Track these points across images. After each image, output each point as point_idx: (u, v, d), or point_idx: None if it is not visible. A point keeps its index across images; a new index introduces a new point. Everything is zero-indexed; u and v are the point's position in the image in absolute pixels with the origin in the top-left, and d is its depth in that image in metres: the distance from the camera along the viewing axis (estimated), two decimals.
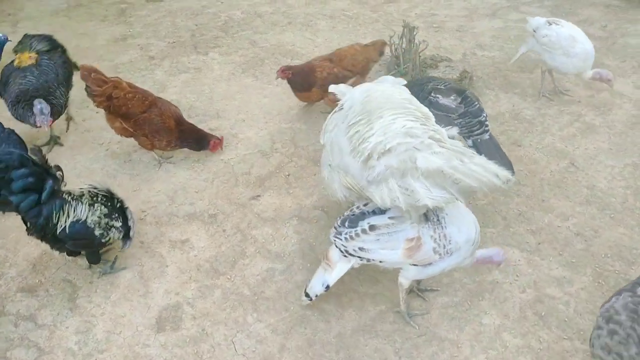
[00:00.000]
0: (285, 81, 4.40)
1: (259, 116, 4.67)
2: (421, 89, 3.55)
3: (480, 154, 3.05)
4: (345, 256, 2.75)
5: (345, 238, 2.70)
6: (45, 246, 3.14)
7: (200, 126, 4.24)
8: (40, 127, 3.88)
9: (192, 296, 3.17)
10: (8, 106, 3.99)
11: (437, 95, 3.50)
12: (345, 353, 2.86)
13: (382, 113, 2.61)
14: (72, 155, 4.25)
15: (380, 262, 2.75)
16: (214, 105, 4.79)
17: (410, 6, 6.69)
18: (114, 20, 6.53)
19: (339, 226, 2.74)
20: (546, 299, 3.10)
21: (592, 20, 6.09)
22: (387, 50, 4.81)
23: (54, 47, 4.37)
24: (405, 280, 2.83)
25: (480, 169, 2.40)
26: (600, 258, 3.32)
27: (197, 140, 4.03)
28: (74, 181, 3.75)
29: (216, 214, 3.69)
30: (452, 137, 2.65)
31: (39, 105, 3.79)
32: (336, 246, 2.75)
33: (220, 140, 4.08)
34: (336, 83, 3.91)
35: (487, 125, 3.48)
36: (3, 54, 5.01)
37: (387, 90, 2.80)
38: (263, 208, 3.74)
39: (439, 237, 2.62)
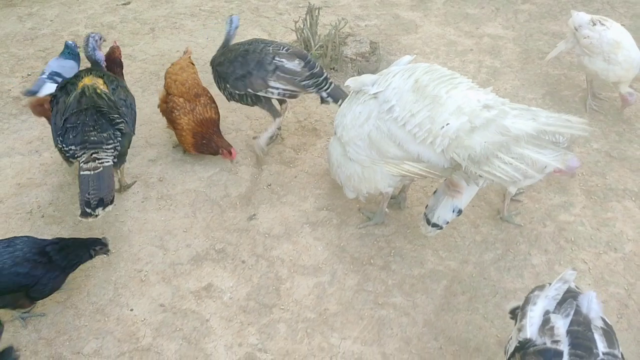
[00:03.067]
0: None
1: None
2: (262, 52, 3.55)
3: (338, 99, 3.61)
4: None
5: None
6: None
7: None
8: None
9: (259, 340, 2.82)
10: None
11: (282, 60, 3.54)
12: (443, 336, 2.84)
13: (448, 92, 2.56)
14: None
15: None
16: (137, 137, 4.10)
17: None
18: None
19: None
20: (565, 225, 3.42)
21: None
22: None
23: None
24: (514, 188, 3.27)
25: (556, 119, 2.50)
26: (579, 178, 3.75)
27: None
28: None
29: (224, 248, 3.29)
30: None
31: None
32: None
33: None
34: None
35: (330, 78, 3.65)
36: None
37: (431, 68, 2.74)
38: (268, 226, 3.43)
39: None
